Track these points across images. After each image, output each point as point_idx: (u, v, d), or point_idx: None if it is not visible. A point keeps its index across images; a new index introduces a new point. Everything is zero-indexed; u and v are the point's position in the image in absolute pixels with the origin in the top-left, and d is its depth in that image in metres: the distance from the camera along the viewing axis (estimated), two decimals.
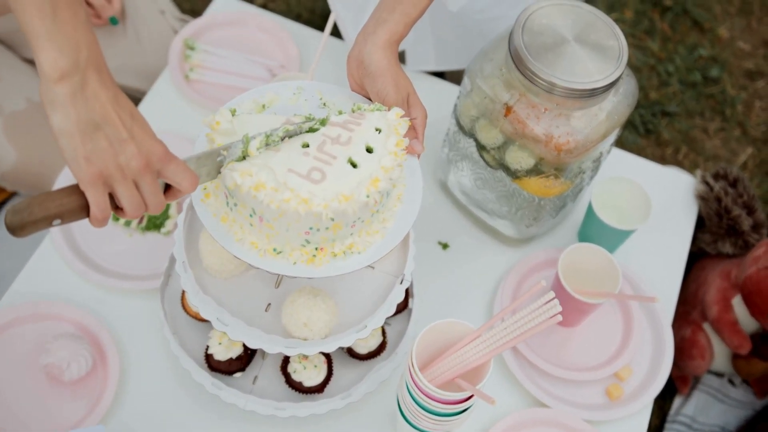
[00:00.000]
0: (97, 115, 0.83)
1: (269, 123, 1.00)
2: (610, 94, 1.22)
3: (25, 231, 0.84)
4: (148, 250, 1.41)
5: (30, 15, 0.79)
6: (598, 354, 1.37)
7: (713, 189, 1.53)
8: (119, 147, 0.84)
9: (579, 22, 1.21)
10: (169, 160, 0.88)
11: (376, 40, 1.04)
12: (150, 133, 0.87)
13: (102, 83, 0.83)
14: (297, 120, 1.00)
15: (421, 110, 1.05)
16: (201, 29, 1.65)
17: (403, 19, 1.06)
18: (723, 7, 2.49)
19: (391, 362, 1.24)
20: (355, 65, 1.06)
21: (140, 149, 0.85)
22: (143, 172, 0.86)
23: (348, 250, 0.98)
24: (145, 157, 0.86)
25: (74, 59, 0.80)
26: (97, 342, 1.29)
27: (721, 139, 2.26)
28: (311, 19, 2.36)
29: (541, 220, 1.39)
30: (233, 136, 0.97)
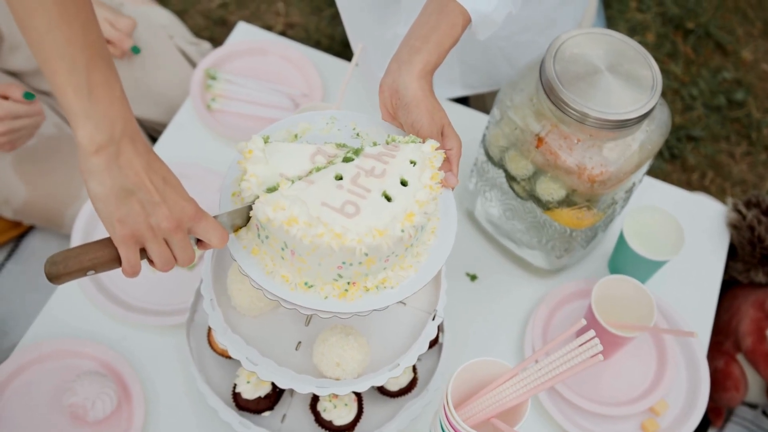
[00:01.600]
0: (130, 182, 0.87)
1: (301, 152, 0.98)
2: (643, 125, 1.19)
3: (61, 281, 0.89)
4: (172, 284, 1.38)
5: (68, 95, 0.84)
6: (632, 388, 1.34)
7: (746, 217, 1.50)
8: (151, 210, 0.88)
9: (611, 51, 1.19)
10: (200, 218, 0.92)
11: (411, 69, 1.02)
12: (182, 193, 0.91)
13: (136, 152, 0.87)
14: (329, 149, 0.98)
15: (456, 141, 1.03)
16: (222, 59, 1.64)
17: (437, 49, 1.04)
18: (746, 29, 2.46)
19: (422, 399, 1.21)
20: (389, 94, 1.04)
21: (172, 211, 0.89)
22: (174, 232, 0.90)
23: (381, 284, 0.96)
24: (176, 219, 0.89)
25: (109, 134, 0.85)
26: (122, 380, 1.27)
27: (748, 164, 2.23)
28: (330, 45, 2.36)
29: (572, 252, 1.37)
30: (264, 165, 0.96)
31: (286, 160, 0.96)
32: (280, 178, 0.95)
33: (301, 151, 0.97)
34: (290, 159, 0.96)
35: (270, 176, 0.95)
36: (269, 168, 0.95)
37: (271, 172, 0.95)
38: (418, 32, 1.05)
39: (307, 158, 0.97)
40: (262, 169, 0.95)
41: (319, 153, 0.97)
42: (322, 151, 0.97)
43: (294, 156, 0.97)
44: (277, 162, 0.96)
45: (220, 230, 0.93)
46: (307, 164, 0.97)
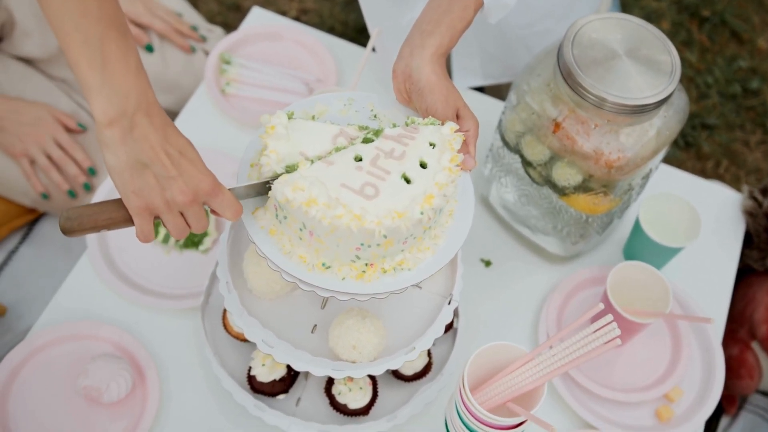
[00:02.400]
0: (144, 156, 0.87)
1: (323, 132, 0.97)
2: (661, 111, 1.19)
3: (75, 235, 0.92)
4: (186, 267, 1.39)
5: (82, 68, 0.83)
6: (646, 374, 1.33)
7: (761, 204, 1.49)
8: (166, 184, 0.89)
9: (630, 36, 1.18)
10: (216, 194, 0.92)
11: (423, 53, 1.02)
12: (199, 167, 0.91)
13: (152, 126, 0.87)
14: (351, 131, 0.98)
15: (473, 122, 1.03)
16: (236, 43, 1.63)
17: (449, 32, 1.03)
18: (761, 17, 2.45)
19: (437, 384, 1.21)
20: (402, 79, 1.04)
21: (188, 185, 0.90)
22: (189, 205, 0.91)
23: (398, 266, 0.96)
24: (192, 192, 0.90)
25: (122, 108, 0.85)
26: (136, 362, 1.27)
27: (763, 152, 2.22)
28: (344, 31, 2.35)
29: (587, 238, 1.36)
30: (286, 142, 0.95)
31: (307, 138, 0.96)
32: (300, 157, 0.95)
33: (323, 131, 0.97)
34: (312, 138, 0.96)
35: (290, 153, 0.95)
36: (290, 145, 0.95)
37: (291, 150, 0.95)
38: (429, 16, 1.04)
39: (329, 139, 0.97)
40: (283, 146, 0.95)
41: (341, 135, 0.97)
42: (344, 132, 0.97)
43: (316, 135, 0.96)
44: (299, 139, 0.96)
45: (234, 206, 0.94)
46: (328, 145, 0.96)
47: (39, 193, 1.58)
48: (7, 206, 1.63)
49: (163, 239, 1.40)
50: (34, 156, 1.55)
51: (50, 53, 1.63)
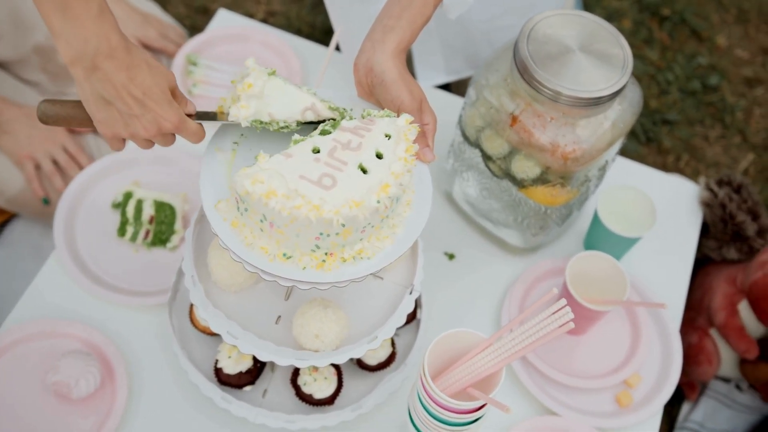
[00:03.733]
0: (107, 94, 0.92)
1: (296, 100, 1.01)
2: (615, 103, 1.22)
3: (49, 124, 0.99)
4: (154, 265, 1.40)
5: (47, 12, 0.88)
6: (606, 361, 1.37)
7: (717, 195, 1.54)
8: (129, 120, 0.95)
9: (583, 31, 1.21)
10: (179, 128, 0.99)
11: (385, 48, 1.05)
12: (164, 105, 0.95)
13: (115, 68, 0.91)
14: (321, 109, 1.02)
15: (432, 116, 1.06)
16: (203, 45, 1.65)
17: (410, 27, 1.07)
18: (720, 15, 2.50)
19: (401, 373, 1.24)
20: (363, 72, 1.07)
21: (150, 123, 0.96)
22: (153, 137, 0.99)
23: (357, 255, 0.99)
24: (155, 129, 0.97)
25: (81, 50, 0.89)
26: (105, 358, 1.29)
27: (722, 147, 2.27)
28: (311, 33, 2.38)
29: (547, 229, 1.39)
30: (258, 100, 1.00)
31: (280, 101, 1.00)
32: (267, 117, 1.00)
33: (296, 100, 1.01)
34: (284, 102, 1.00)
35: (259, 111, 1.00)
36: (262, 103, 0.99)
37: (261, 108, 1.00)
38: (390, 11, 1.07)
39: (298, 110, 1.01)
40: (254, 103, 0.99)
41: (311, 109, 1.01)
42: (315, 108, 1.01)
43: (288, 101, 1.01)
44: (271, 99, 1.00)
45: (197, 134, 1.01)
46: (296, 115, 1.01)
47: (40, 198, 1.59)
48: None
49: (131, 237, 1.41)
50: (40, 161, 1.57)
51: (21, 55, 1.64)
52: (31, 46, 1.63)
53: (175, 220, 1.42)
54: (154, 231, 1.41)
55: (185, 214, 1.44)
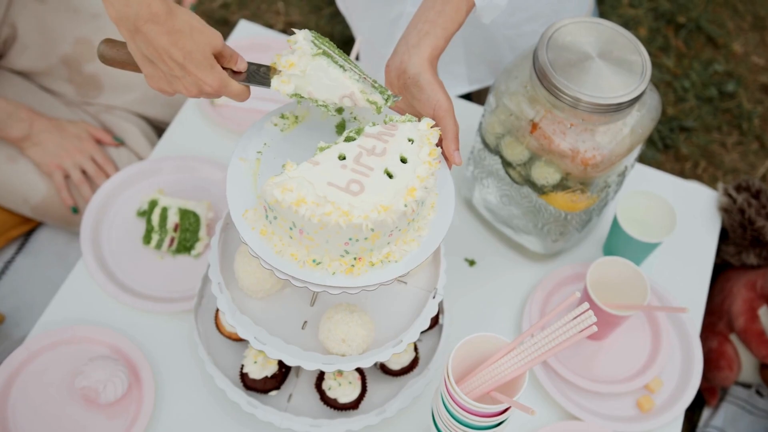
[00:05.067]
0: (149, 54, 0.96)
1: (336, 85, 1.02)
2: (634, 109, 1.23)
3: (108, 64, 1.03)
4: (179, 272, 1.43)
5: None
6: (627, 366, 1.38)
7: (736, 201, 1.54)
8: (172, 80, 0.99)
9: (602, 38, 1.23)
10: (221, 91, 1.01)
11: (420, 53, 1.07)
12: (205, 69, 0.98)
13: (156, 32, 0.94)
14: (358, 98, 1.02)
15: (456, 124, 1.08)
16: None
17: (444, 34, 1.09)
18: (736, 22, 2.51)
19: (424, 378, 1.25)
20: (395, 74, 1.09)
21: (192, 85, 0.99)
22: (197, 96, 1.01)
23: (385, 259, 1.00)
24: (197, 90, 0.99)
25: (123, 13, 0.92)
26: (132, 364, 1.31)
27: (739, 153, 2.27)
28: None
29: (567, 235, 1.41)
30: (302, 78, 1.01)
31: (320, 82, 1.01)
32: (307, 94, 1.01)
33: (337, 85, 1.01)
34: (324, 84, 1.01)
35: (299, 87, 1.02)
36: (303, 81, 1.01)
37: (301, 85, 1.01)
38: (425, 15, 1.09)
39: (337, 96, 1.02)
40: (296, 79, 1.01)
41: (349, 97, 1.02)
42: (353, 97, 1.01)
43: (329, 84, 1.01)
44: (313, 79, 1.01)
45: (241, 95, 1.03)
46: (334, 99, 1.02)
47: (69, 207, 1.62)
48: (4, 216, 1.67)
49: (156, 245, 1.43)
50: (69, 170, 1.60)
51: (48, 66, 1.66)
52: (58, 56, 1.66)
53: (200, 227, 1.44)
54: (179, 238, 1.43)
55: (209, 222, 1.46)
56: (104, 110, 1.72)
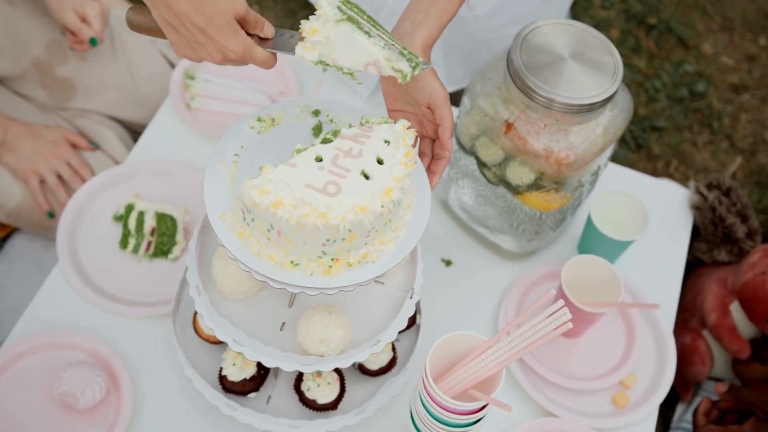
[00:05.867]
0: (171, 20, 0.96)
1: (361, 52, 0.99)
2: (606, 109, 1.25)
3: (135, 30, 1.03)
4: (156, 276, 1.42)
5: None
6: (602, 363, 1.39)
7: (707, 199, 1.57)
8: (196, 47, 0.98)
9: (574, 40, 1.24)
10: (246, 58, 1.00)
11: (414, 43, 1.07)
12: (227, 35, 0.96)
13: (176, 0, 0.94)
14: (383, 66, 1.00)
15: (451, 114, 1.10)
16: None
17: (437, 24, 1.09)
18: (706, 24, 2.55)
19: (402, 377, 1.26)
20: None
21: (216, 51, 0.98)
22: (222, 63, 1.00)
23: (363, 259, 1.01)
24: (221, 56, 0.98)
25: None
26: (110, 368, 1.31)
27: (710, 152, 2.31)
28: None
29: (542, 234, 1.42)
30: (326, 45, 0.99)
31: (345, 49, 0.99)
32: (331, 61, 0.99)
33: (362, 52, 0.99)
34: (349, 51, 0.99)
35: (323, 54, 0.99)
36: (327, 48, 0.99)
37: (326, 52, 0.99)
38: (419, 5, 1.09)
39: (361, 63, 1.00)
40: (320, 46, 0.99)
41: (374, 65, 1.00)
42: (378, 64, 0.99)
43: (354, 51, 0.99)
44: (337, 46, 0.99)
45: (266, 62, 1.01)
46: (359, 66, 1.00)
47: (45, 212, 1.61)
48: None
49: (133, 249, 1.43)
50: (44, 175, 1.59)
51: (21, 70, 1.66)
52: (29, 60, 1.65)
53: (177, 231, 1.44)
54: (156, 242, 1.43)
55: (186, 226, 1.47)
56: (79, 115, 1.72)
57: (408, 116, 1.14)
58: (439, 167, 1.13)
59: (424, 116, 1.12)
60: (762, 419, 1.14)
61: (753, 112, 2.39)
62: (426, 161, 1.14)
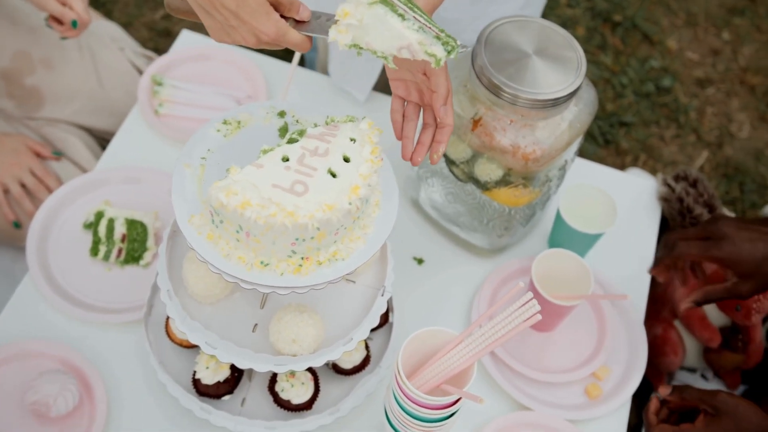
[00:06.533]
0: (204, 4, 0.96)
1: (393, 36, 0.97)
2: (571, 104, 1.27)
3: (174, 14, 1.04)
4: (128, 282, 1.42)
5: None
6: (575, 355, 1.41)
7: (675, 190, 1.59)
8: (230, 30, 0.98)
9: (537, 36, 1.26)
10: (280, 40, 0.99)
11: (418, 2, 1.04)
12: (260, 17, 0.96)
13: None
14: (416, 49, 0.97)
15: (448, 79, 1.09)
16: (167, 65, 1.68)
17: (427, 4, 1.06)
18: (670, 19, 2.58)
19: (376, 375, 1.26)
20: None
21: (249, 34, 0.97)
22: (257, 46, 0.99)
23: (332, 257, 1.02)
24: (254, 39, 0.98)
25: None
26: (83, 376, 1.30)
27: (678, 146, 2.34)
28: (274, 51, 2.40)
29: (512, 230, 1.43)
30: (359, 28, 0.97)
31: (378, 31, 0.97)
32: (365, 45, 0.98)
33: (395, 35, 0.97)
34: (382, 34, 0.97)
35: (357, 37, 0.98)
36: (360, 31, 0.97)
37: (359, 35, 0.97)
38: None
39: (394, 47, 0.97)
40: (354, 29, 0.97)
41: (406, 48, 0.97)
42: (411, 48, 0.97)
43: (387, 34, 0.97)
44: (370, 29, 0.97)
45: (300, 45, 1.01)
46: (392, 50, 0.98)
47: (10, 222, 1.60)
48: None
49: (104, 256, 1.43)
50: (8, 185, 1.57)
51: None
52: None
53: (147, 237, 1.44)
54: (127, 249, 1.43)
55: (157, 231, 1.46)
56: (46, 124, 1.71)
57: (408, 85, 1.12)
58: (444, 136, 1.10)
59: (423, 84, 1.10)
60: (711, 414, 1.17)
61: (718, 105, 2.43)
62: (430, 132, 1.12)
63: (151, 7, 2.48)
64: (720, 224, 1.28)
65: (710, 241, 1.27)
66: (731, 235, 1.26)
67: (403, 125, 1.12)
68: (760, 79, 2.48)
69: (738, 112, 2.42)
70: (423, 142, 1.11)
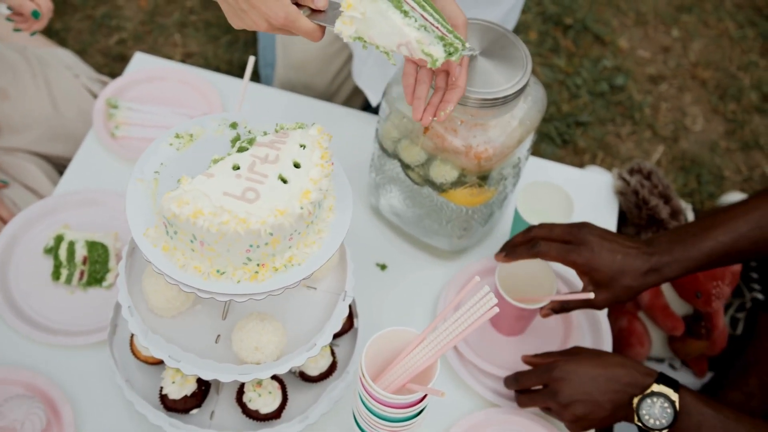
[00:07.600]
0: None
1: (395, 32, 0.99)
2: (520, 101, 1.29)
3: None
4: (91, 304, 1.42)
5: None
6: (541, 351, 1.42)
7: (630, 183, 1.61)
8: (241, 14, 1.02)
9: (483, 37, 1.28)
10: (290, 25, 1.01)
11: None
12: (270, 2, 0.99)
13: None
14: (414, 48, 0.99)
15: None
16: (122, 88, 1.68)
17: None
18: (620, 20, 2.62)
19: (343, 381, 1.27)
20: None
21: (260, 18, 1.01)
22: (269, 30, 1.03)
23: (288, 263, 1.02)
24: (265, 23, 1.01)
25: None
26: (50, 400, 1.30)
27: (634, 142, 2.37)
28: (229, 70, 2.42)
29: (471, 231, 1.45)
30: (362, 21, 0.99)
31: (380, 26, 0.99)
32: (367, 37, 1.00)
33: (395, 31, 0.99)
34: (383, 29, 0.99)
35: (359, 30, 1.00)
36: (363, 24, 0.99)
37: (362, 28, 1.00)
38: None
39: (394, 43, 1.00)
40: (357, 22, 0.99)
41: (405, 46, 1.00)
42: (409, 46, 1.00)
43: (387, 30, 0.99)
44: (373, 23, 0.99)
45: (310, 33, 1.03)
46: (392, 46, 1.00)
47: None
48: None
49: (65, 280, 1.42)
50: None
51: None
52: None
53: (109, 258, 1.44)
54: (89, 271, 1.42)
55: (118, 252, 1.46)
56: (4, 153, 1.70)
57: None
58: (454, 96, 1.14)
59: None
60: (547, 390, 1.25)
61: (672, 100, 2.47)
62: (440, 94, 1.16)
63: (105, 34, 2.49)
64: (585, 231, 1.28)
65: (571, 245, 1.27)
66: (592, 243, 1.26)
67: (414, 88, 1.16)
68: (710, 73, 2.52)
69: (691, 106, 2.46)
70: (433, 103, 1.16)
